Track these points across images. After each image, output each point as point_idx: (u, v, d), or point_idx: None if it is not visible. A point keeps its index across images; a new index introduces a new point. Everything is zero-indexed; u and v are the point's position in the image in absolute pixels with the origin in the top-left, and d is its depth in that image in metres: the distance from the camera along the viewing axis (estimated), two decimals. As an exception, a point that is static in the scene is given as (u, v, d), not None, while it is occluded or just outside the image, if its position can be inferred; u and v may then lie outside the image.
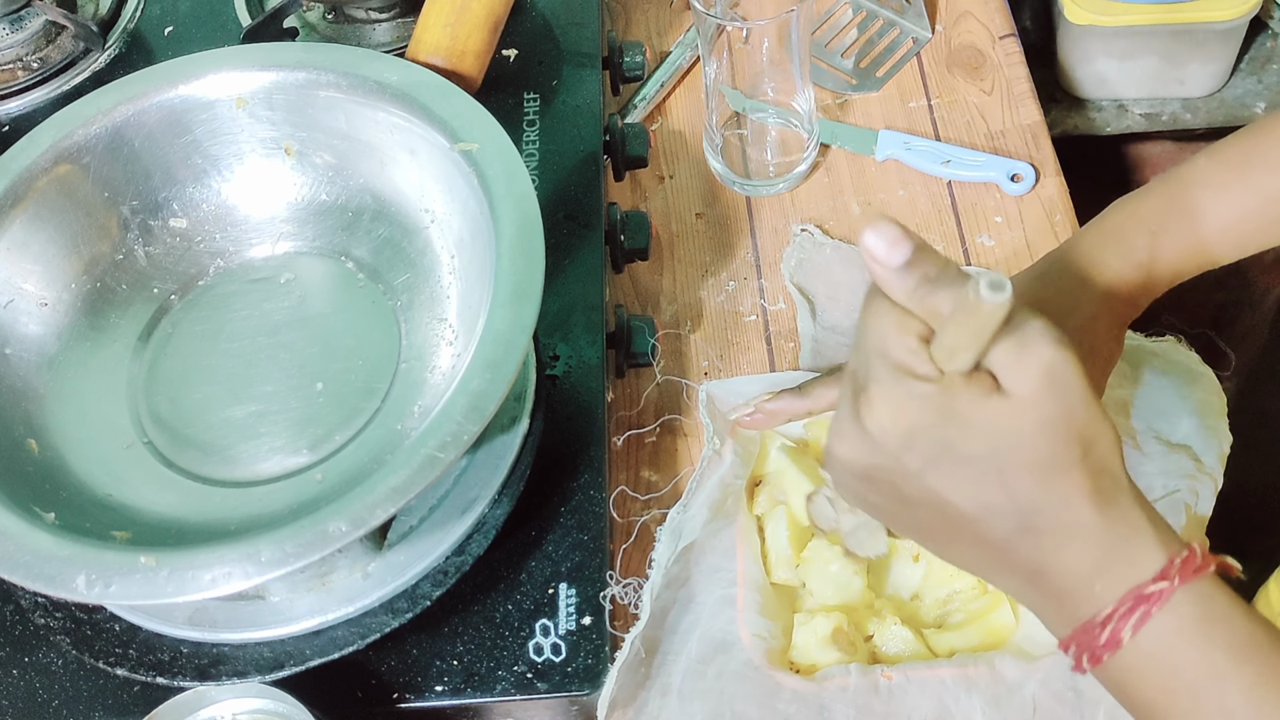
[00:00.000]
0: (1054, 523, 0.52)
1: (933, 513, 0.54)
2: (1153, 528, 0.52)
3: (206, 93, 0.82)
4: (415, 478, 0.64)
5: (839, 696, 0.70)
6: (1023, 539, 0.52)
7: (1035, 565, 0.53)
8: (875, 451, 0.53)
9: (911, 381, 0.51)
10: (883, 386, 0.52)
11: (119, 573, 0.63)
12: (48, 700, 0.72)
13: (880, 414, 0.52)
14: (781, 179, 0.97)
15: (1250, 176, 0.70)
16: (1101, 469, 0.51)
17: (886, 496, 0.55)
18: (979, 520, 0.53)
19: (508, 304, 0.69)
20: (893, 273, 0.51)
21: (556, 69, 0.97)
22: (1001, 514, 0.52)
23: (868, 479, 0.55)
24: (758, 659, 0.71)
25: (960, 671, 0.70)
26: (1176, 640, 0.51)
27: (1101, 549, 0.51)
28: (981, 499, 0.52)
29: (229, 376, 0.78)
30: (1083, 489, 0.51)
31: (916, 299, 0.51)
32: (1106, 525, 0.51)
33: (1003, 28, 1.06)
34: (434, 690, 0.71)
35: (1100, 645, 0.51)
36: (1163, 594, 0.50)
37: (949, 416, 0.51)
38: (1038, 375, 0.50)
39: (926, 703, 0.69)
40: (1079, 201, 0.94)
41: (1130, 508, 0.52)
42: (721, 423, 0.79)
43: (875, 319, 0.52)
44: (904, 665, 0.71)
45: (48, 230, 0.79)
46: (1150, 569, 0.51)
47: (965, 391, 0.50)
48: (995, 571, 0.55)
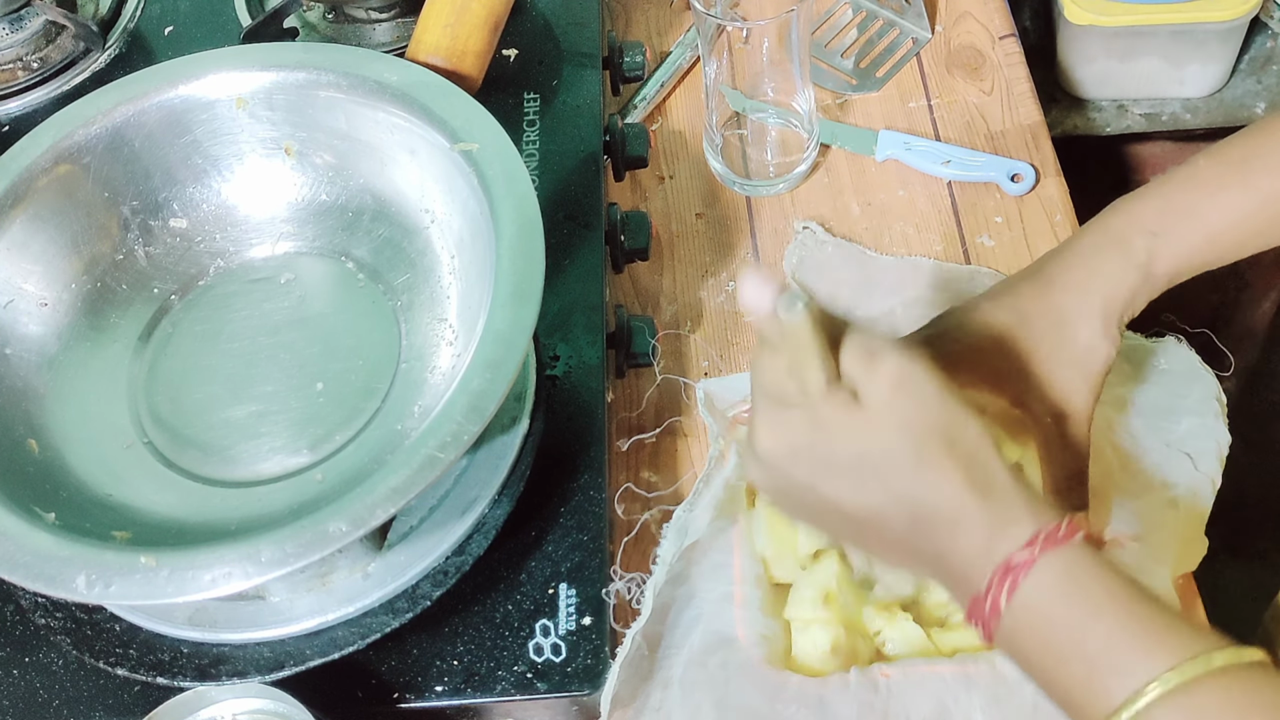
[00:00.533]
0: (937, 513, 0.56)
1: (838, 519, 0.60)
2: (1028, 506, 0.56)
3: (206, 93, 0.82)
4: (415, 478, 0.64)
5: (840, 694, 0.70)
6: (915, 531, 0.57)
7: (934, 553, 0.58)
8: (770, 472, 0.60)
9: (783, 407, 0.58)
10: (764, 415, 0.59)
11: (119, 573, 0.63)
12: (48, 700, 0.72)
13: (764, 439, 0.59)
14: (781, 179, 0.97)
15: (1249, 178, 0.70)
16: (972, 459, 0.56)
17: (799, 509, 0.62)
18: (873, 520, 0.58)
19: (508, 304, 0.69)
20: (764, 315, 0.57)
21: (556, 69, 0.97)
22: (890, 511, 0.57)
23: (778, 495, 0.61)
24: (757, 660, 0.71)
25: (960, 669, 0.70)
26: (1043, 602, 0.55)
27: (984, 531, 0.56)
28: (868, 500, 0.58)
29: (229, 376, 0.78)
30: (955, 479, 0.56)
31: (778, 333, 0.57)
32: (985, 508, 0.56)
33: (1003, 28, 1.06)
34: (434, 690, 0.71)
35: (987, 614, 0.56)
36: (1027, 563, 0.55)
37: (818, 429, 0.57)
38: (887, 382, 0.56)
39: (925, 701, 0.69)
40: (1079, 201, 0.94)
41: (1006, 490, 0.57)
42: (722, 421, 0.79)
43: (757, 361, 0.60)
44: (903, 662, 0.71)
45: (48, 230, 0.79)
46: (1020, 541, 0.56)
47: (825, 405, 0.57)
48: (910, 563, 0.60)
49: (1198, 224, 0.70)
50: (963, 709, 0.69)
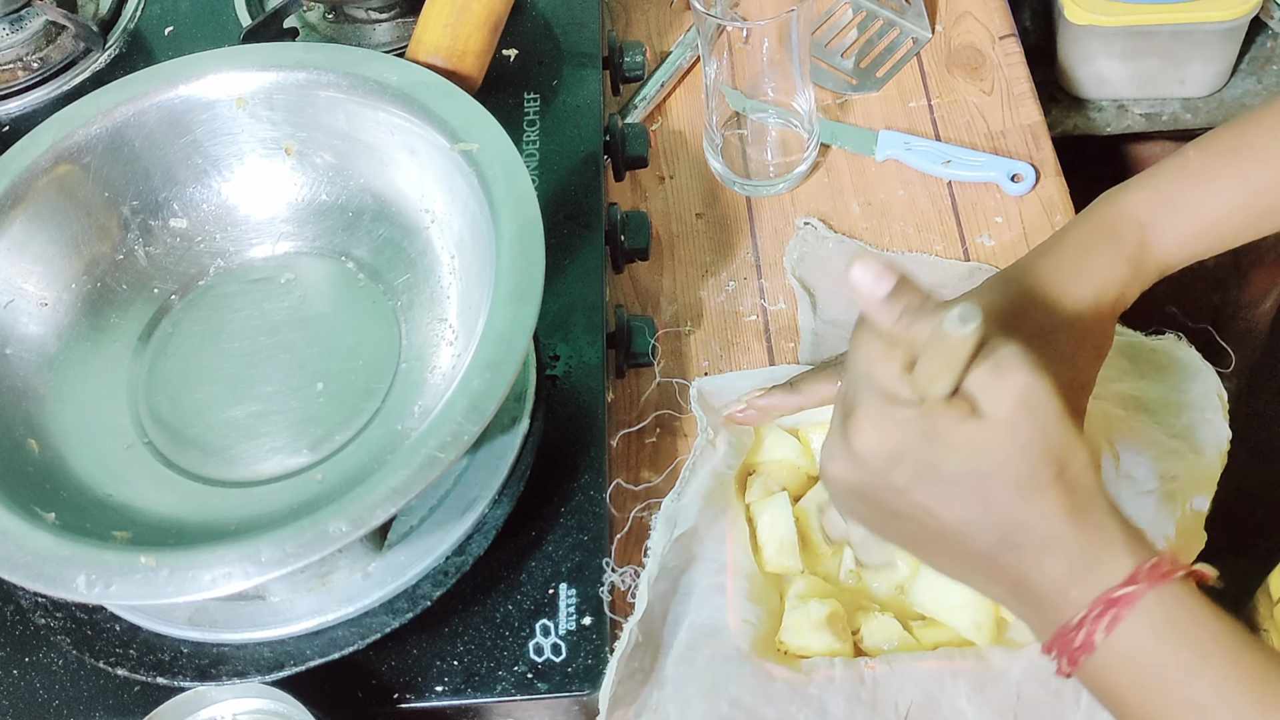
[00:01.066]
0: (1032, 536, 0.54)
1: (919, 527, 0.57)
2: (1125, 537, 0.55)
3: (206, 93, 0.82)
4: (415, 478, 0.64)
5: (827, 687, 0.70)
6: (1004, 551, 0.55)
7: (1016, 575, 0.56)
8: (863, 471, 0.57)
9: (895, 407, 0.55)
10: (869, 411, 0.56)
11: (119, 573, 0.63)
12: (48, 700, 0.72)
13: (867, 437, 0.56)
14: (781, 179, 0.97)
15: (1239, 168, 0.70)
16: (1076, 485, 0.54)
17: (877, 512, 0.59)
18: (962, 534, 0.56)
19: (508, 304, 0.69)
20: (877, 305, 0.55)
21: (557, 69, 0.97)
22: (983, 528, 0.55)
23: (858, 496, 0.59)
24: (744, 646, 0.71)
25: (946, 662, 0.71)
26: (1145, 640, 0.53)
27: (1077, 559, 0.54)
28: (963, 515, 0.55)
29: (229, 376, 0.78)
30: (1059, 505, 0.54)
31: (899, 329, 0.55)
32: (1081, 537, 0.54)
33: (1003, 28, 1.06)
34: (434, 690, 0.71)
35: (1076, 648, 0.54)
36: (1130, 597, 0.53)
37: (930, 438, 0.54)
38: (1013, 399, 0.53)
39: (912, 690, 0.70)
40: (1079, 201, 0.94)
41: (1104, 520, 0.55)
42: (714, 417, 0.79)
43: (863, 348, 0.56)
44: (888, 656, 0.71)
45: (48, 230, 0.79)
46: (1120, 575, 0.54)
47: (945, 415, 0.54)
48: (981, 580, 0.58)
49: (1189, 215, 0.70)
50: (949, 697, 0.70)
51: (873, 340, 0.56)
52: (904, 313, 0.54)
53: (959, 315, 0.50)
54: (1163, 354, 0.82)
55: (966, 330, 0.50)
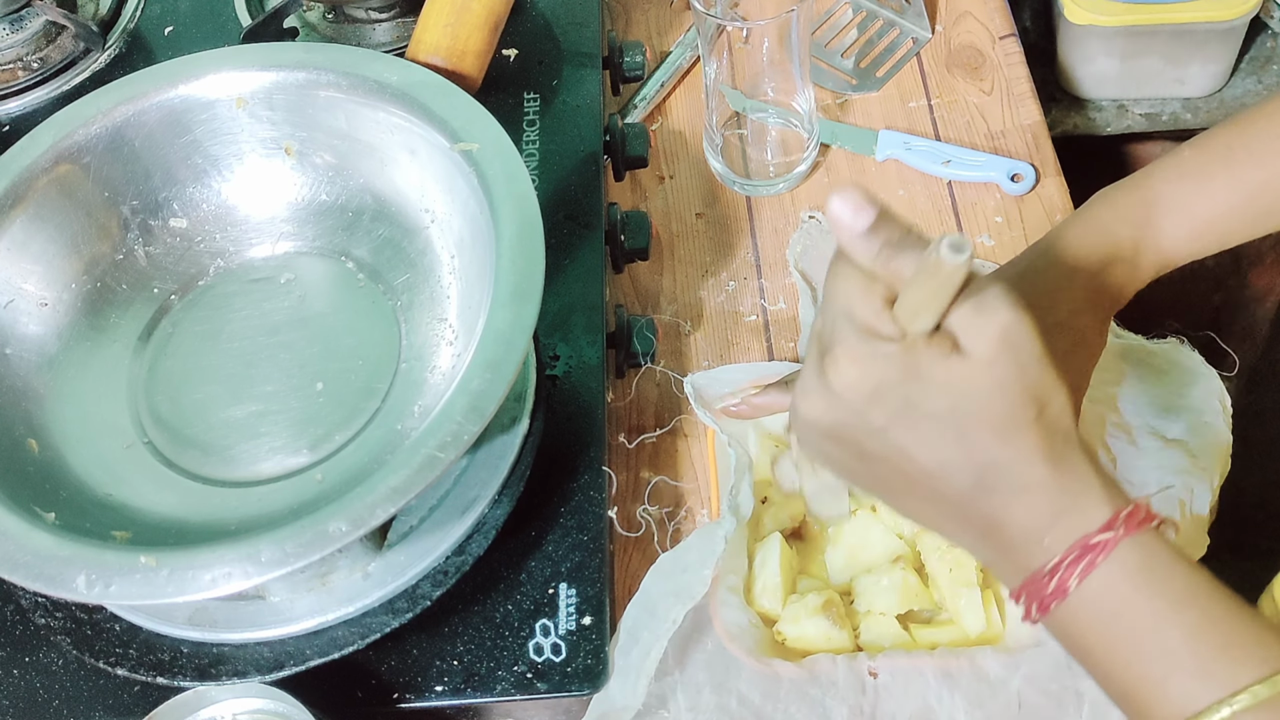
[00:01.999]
0: (1008, 479, 0.53)
1: (893, 469, 0.56)
2: (1101, 484, 0.54)
3: (206, 93, 0.82)
4: (415, 478, 0.64)
5: (830, 691, 0.70)
6: (978, 494, 0.54)
7: (990, 519, 0.55)
8: (841, 408, 0.55)
9: (876, 341, 0.53)
10: (848, 346, 0.54)
11: (119, 573, 0.63)
12: (48, 700, 0.72)
13: (846, 372, 0.54)
14: (781, 179, 0.97)
15: (1235, 170, 0.70)
16: (1055, 428, 0.53)
17: (849, 453, 0.57)
18: (937, 475, 0.55)
19: (508, 304, 0.69)
20: (858, 237, 0.53)
21: (556, 69, 0.97)
22: (959, 469, 0.54)
23: (832, 436, 0.57)
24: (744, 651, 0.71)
25: (942, 666, 0.71)
26: (1120, 588, 0.53)
27: (1052, 504, 0.53)
28: (941, 454, 0.54)
29: (229, 376, 0.78)
30: (1037, 447, 0.53)
31: (880, 262, 0.53)
32: (1058, 481, 0.53)
33: (1003, 28, 1.06)
34: (434, 690, 0.71)
35: (1048, 594, 0.53)
36: (1107, 544, 0.52)
37: (911, 374, 0.53)
38: (994, 336, 0.52)
39: (911, 702, 0.70)
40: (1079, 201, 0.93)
41: (1081, 465, 0.54)
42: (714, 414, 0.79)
43: (841, 283, 0.55)
44: (888, 655, 0.72)
45: (48, 230, 0.79)
46: (1097, 521, 0.53)
47: (927, 351, 0.53)
48: (951, 526, 0.57)
49: (1184, 216, 0.69)
50: (946, 709, 0.70)
51: (851, 274, 0.54)
52: (884, 246, 0.53)
53: (951, 244, 0.49)
54: (1163, 357, 0.82)
55: (960, 259, 0.49)
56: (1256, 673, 0.50)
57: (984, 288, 0.52)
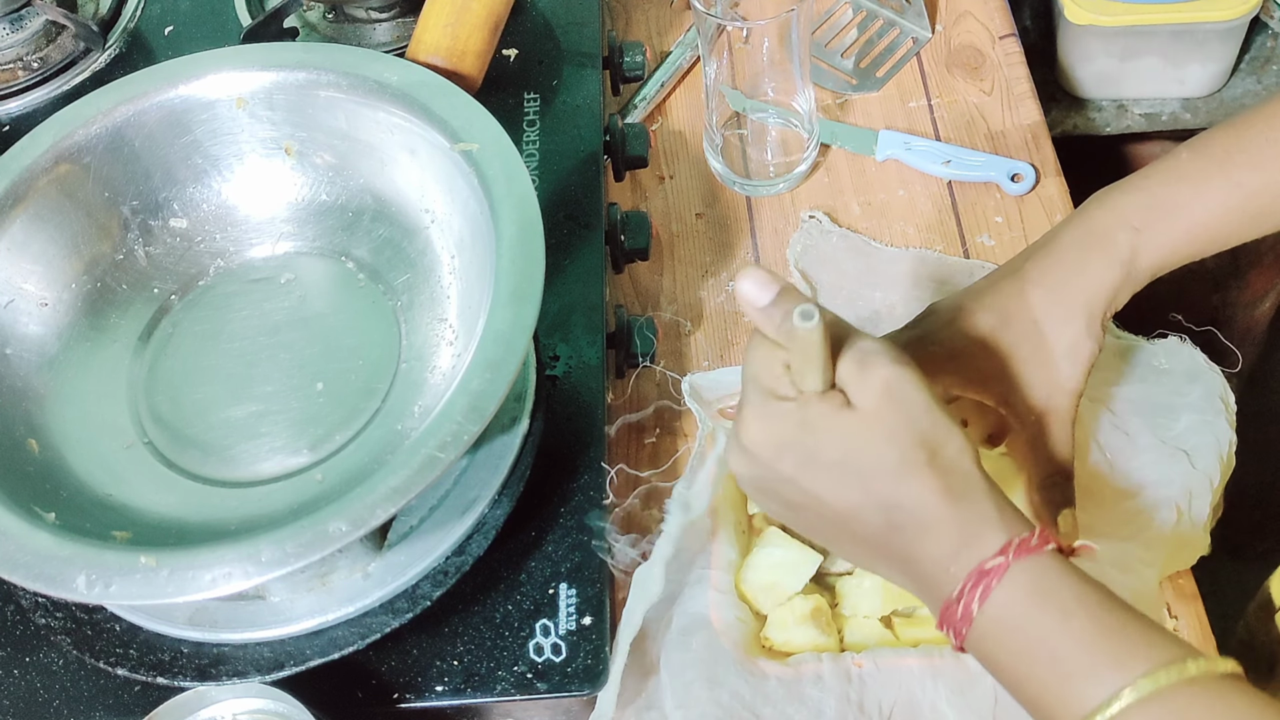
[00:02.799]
0: (911, 518, 0.58)
1: (814, 514, 0.61)
2: (1000, 516, 0.58)
3: (206, 93, 0.82)
4: (415, 478, 0.64)
5: (816, 684, 0.70)
6: (889, 533, 0.59)
7: (904, 555, 0.59)
8: (754, 463, 0.60)
9: (775, 401, 0.59)
10: (754, 407, 0.60)
11: (119, 573, 0.63)
12: (48, 700, 0.72)
13: (753, 431, 0.60)
14: (781, 179, 0.97)
15: (1231, 173, 0.70)
16: (951, 468, 0.58)
17: (776, 502, 0.62)
18: (850, 518, 0.59)
19: (508, 304, 0.69)
20: (760, 311, 0.59)
21: (557, 69, 0.97)
22: (866, 511, 0.59)
23: (758, 488, 0.62)
24: (732, 644, 0.71)
25: (926, 661, 0.71)
26: (1015, 606, 0.56)
27: (955, 538, 0.58)
28: (847, 499, 0.59)
29: (229, 376, 0.78)
30: (933, 487, 0.57)
31: (783, 334, 0.59)
32: (958, 517, 0.57)
33: (1003, 28, 1.06)
34: (434, 690, 0.71)
35: (959, 620, 0.57)
36: (999, 568, 0.56)
37: (807, 428, 0.58)
38: (878, 390, 0.58)
39: (896, 690, 0.71)
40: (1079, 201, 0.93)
41: (981, 501, 0.58)
42: (708, 408, 0.79)
43: (752, 353, 0.61)
44: (872, 652, 0.72)
45: (48, 230, 0.79)
46: (992, 549, 0.57)
47: (818, 406, 0.58)
48: (876, 563, 0.62)
49: (1181, 219, 0.70)
50: (929, 699, 0.70)
51: (761, 344, 0.60)
52: (784, 318, 0.58)
53: (800, 313, 0.55)
54: (1163, 356, 0.81)
55: (809, 325, 0.55)
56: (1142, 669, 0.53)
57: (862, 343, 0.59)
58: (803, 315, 0.56)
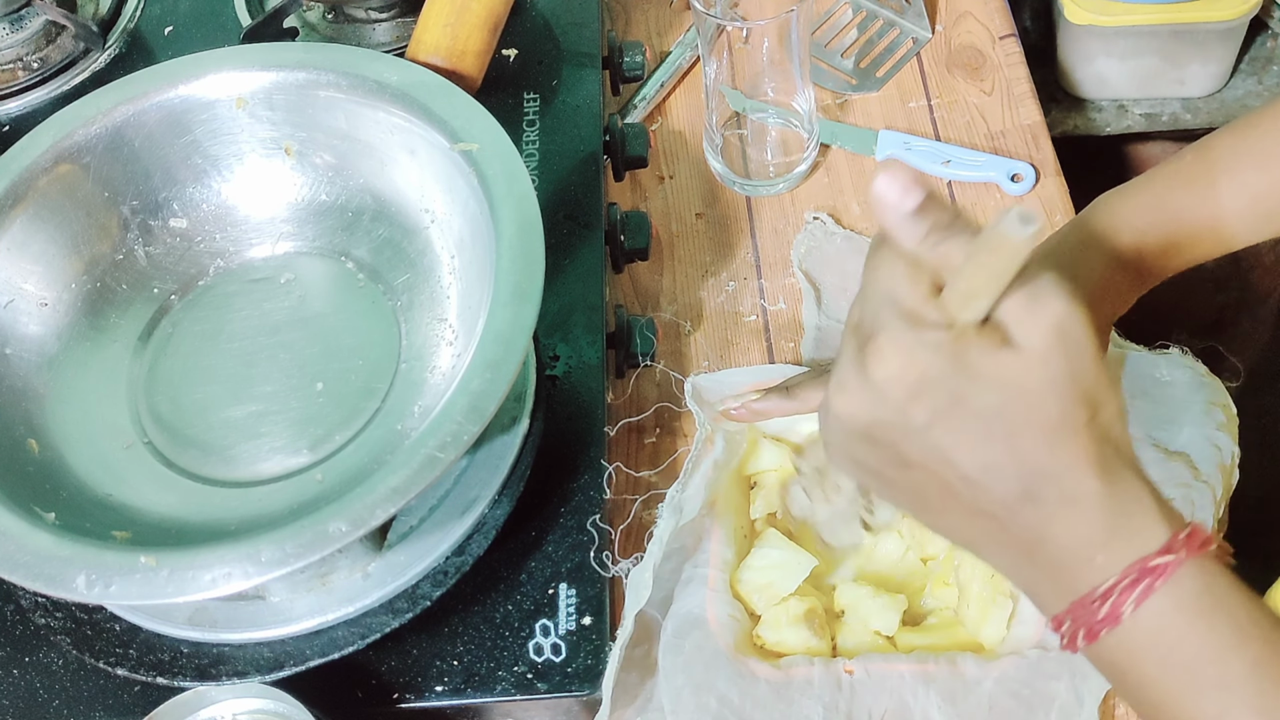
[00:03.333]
0: (1057, 489, 0.50)
1: (930, 476, 0.51)
2: (1155, 502, 0.50)
3: (206, 93, 0.82)
4: (415, 478, 0.64)
5: (806, 690, 0.70)
6: (1023, 505, 0.50)
7: (1033, 534, 0.51)
8: (881, 404, 0.50)
9: (924, 329, 0.49)
10: (893, 334, 0.49)
11: (119, 573, 0.63)
12: (48, 700, 0.72)
13: (890, 362, 0.49)
14: (781, 179, 0.97)
15: (1237, 175, 0.69)
16: (1106, 436, 0.50)
17: (884, 458, 0.52)
18: (979, 483, 0.50)
19: (508, 304, 0.69)
20: (905, 218, 0.49)
21: (556, 69, 0.97)
22: (1004, 475, 0.50)
23: (867, 438, 0.52)
24: (726, 642, 0.71)
25: (919, 668, 0.71)
26: (1178, 616, 0.49)
27: (1104, 520, 0.49)
28: (985, 458, 0.50)
29: (229, 376, 0.78)
30: (1089, 455, 0.49)
31: (928, 245, 0.49)
32: (1110, 495, 0.49)
33: (1003, 28, 1.06)
34: (434, 690, 0.71)
35: (1099, 620, 0.50)
36: (1168, 568, 0.49)
37: (960, 367, 0.49)
38: (1049, 329, 0.48)
39: (886, 698, 0.70)
40: (1079, 201, 0.94)
41: (1133, 480, 0.50)
42: (710, 412, 0.79)
43: (884, 267, 0.51)
44: (864, 658, 0.71)
45: (48, 230, 0.79)
46: (1155, 542, 0.49)
47: (978, 342, 0.49)
48: (990, 542, 0.53)
49: (1186, 222, 0.69)
50: (921, 706, 0.70)
51: (895, 259, 0.50)
52: (933, 229, 0.49)
53: (1019, 215, 0.44)
54: (1166, 368, 0.81)
55: (1029, 231, 0.45)
56: None
57: (1036, 275, 0.49)
58: (1022, 219, 0.45)
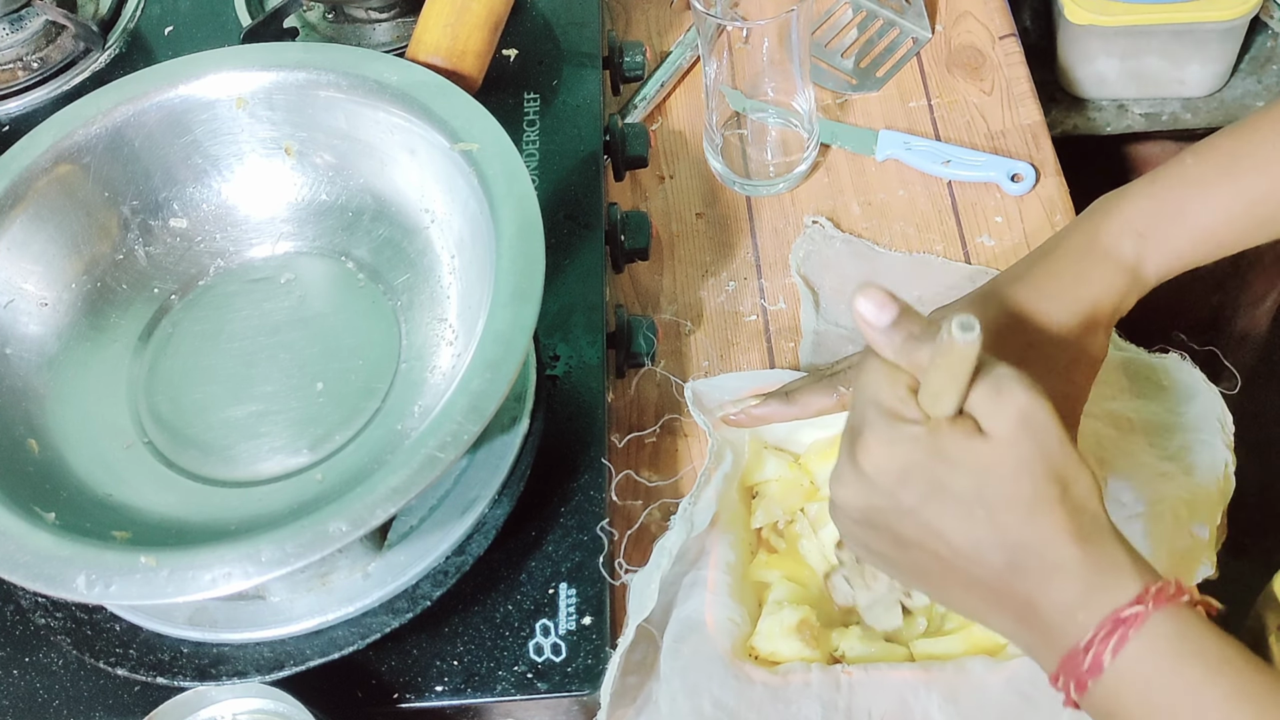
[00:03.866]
0: (1039, 559, 0.55)
1: (928, 554, 0.57)
2: (1131, 561, 0.55)
3: (206, 93, 0.82)
4: (415, 478, 0.64)
5: (803, 692, 0.70)
6: (1012, 575, 0.55)
7: (1024, 601, 0.56)
8: (873, 492, 0.57)
9: (902, 424, 0.56)
10: (877, 431, 0.56)
11: (119, 573, 0.63)
12: (48, 700, 0.72)
13: (875, 455, 0.56)
14: (781, 179, 0.97)
15: (1237, 178, 0.69)
16: (1081, 508, 0.55)
17: (885, 540, 0.58)
18: (970, 556, 0.56)
19: (508, 304, 0.69)
20: (881, 332, 0.56)
21: (556, 69, 0.97)
22: (990, 549, 0.55)
23: (867, 523, 0.59)
24: (724, 645, 0.71)
25: (922, 673, 0.70)
26: (1153, 660, 0.53)
27: (1084, 582, 0.54)
28: (971, 535, 0.55)
29: (229, 376, 0.78)
30: (1064, 527, 0.54)
31: (903, 354, 0.56)
32: (1088, 560, 0.54)
33: (1003, 28, 1.06)
34: (434, 690, 0.71)
35: (1084, 671, 0.54)
36: (1138, 617, 0.53)
37: (937, 455, 0.55)
38: (1014, 418, 0.54)
39: (886, 698, 0.70)
40: (1079, 201, 0.94)
41: (1110, 544, 0.55)
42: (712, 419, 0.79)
43: (868, 374, 0.58)
44: (865, 664, 0.71)
45: (48, 230, 0.79)
46: (1128, 595, 0.54)
47: (951, 432, 0.55)
48: (988, 611, 0.58)
49: (1187, 225, 0.69)
50: (921, 705, 0.69)
51: (878, 366, 0.57)
52: (906, 339, 0.56)
53: (959, 324, 0.51)
54: (1163, 373, 0.81)
55: (969, 338, 0.51)
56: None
57: (997, 369, 0.55)
58: (962, 326, 0.51)
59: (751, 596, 0.76)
